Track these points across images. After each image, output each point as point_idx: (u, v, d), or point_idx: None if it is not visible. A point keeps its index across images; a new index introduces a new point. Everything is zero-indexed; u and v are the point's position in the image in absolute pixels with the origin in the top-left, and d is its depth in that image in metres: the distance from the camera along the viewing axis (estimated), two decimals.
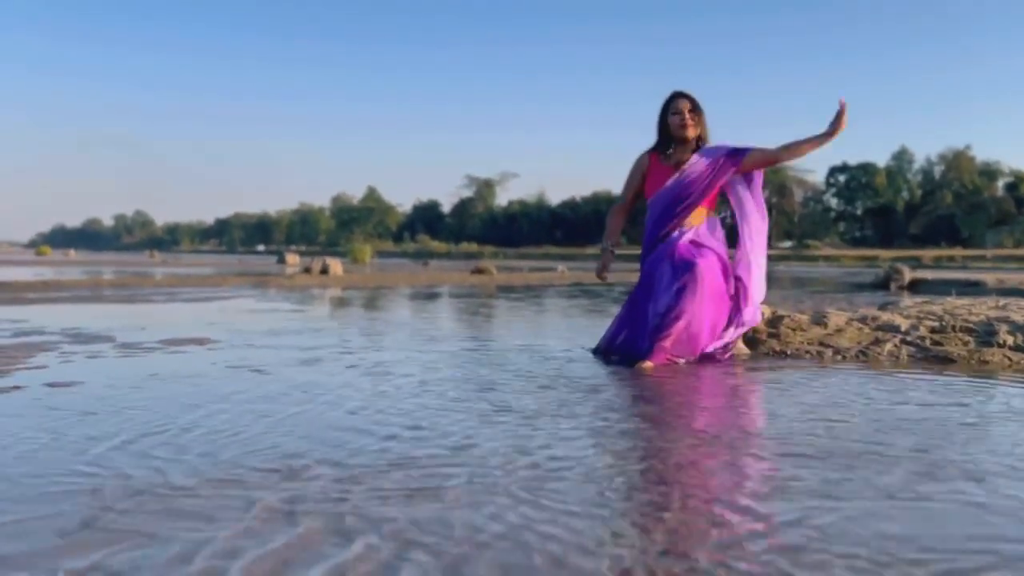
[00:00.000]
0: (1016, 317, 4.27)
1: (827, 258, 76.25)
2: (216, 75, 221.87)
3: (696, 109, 3.98)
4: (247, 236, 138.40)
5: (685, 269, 3.65)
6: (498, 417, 2.38)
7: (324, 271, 14.80)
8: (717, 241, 3.93)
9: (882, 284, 15.13)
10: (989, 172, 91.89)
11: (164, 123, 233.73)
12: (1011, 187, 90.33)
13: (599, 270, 4.26)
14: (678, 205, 3.90)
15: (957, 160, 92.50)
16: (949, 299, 5.74)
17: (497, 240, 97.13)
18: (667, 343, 3.60)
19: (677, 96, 4.01)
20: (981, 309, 4.81)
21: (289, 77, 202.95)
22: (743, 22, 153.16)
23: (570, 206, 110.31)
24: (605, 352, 3.88)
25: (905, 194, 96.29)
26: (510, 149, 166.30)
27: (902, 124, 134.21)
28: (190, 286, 10.54)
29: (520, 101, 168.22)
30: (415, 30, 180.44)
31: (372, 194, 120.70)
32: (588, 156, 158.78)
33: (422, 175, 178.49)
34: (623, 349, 3.77)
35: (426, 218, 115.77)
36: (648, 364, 3.56)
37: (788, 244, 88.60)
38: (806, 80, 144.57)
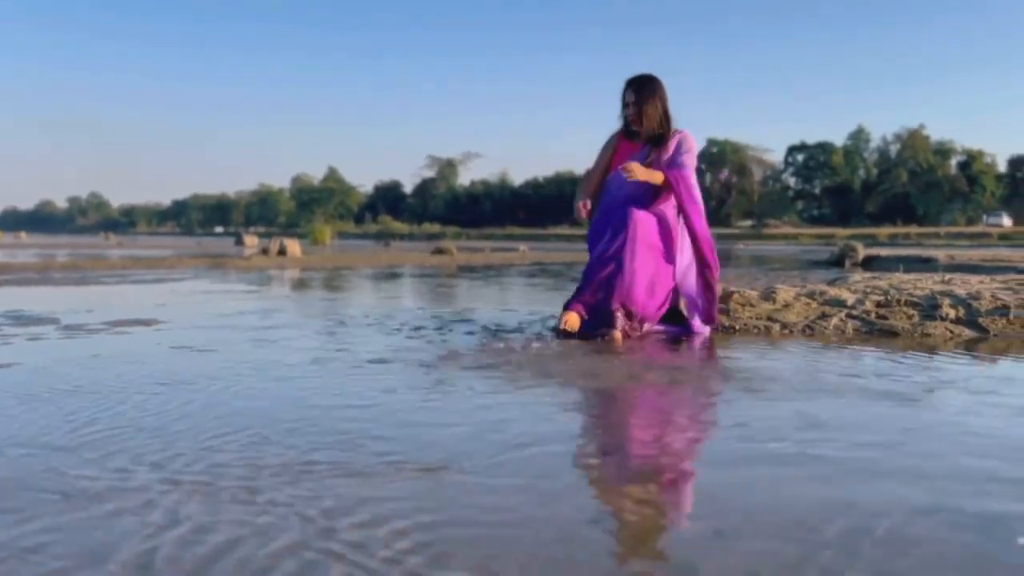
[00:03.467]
0: (959, 291, 4.36)
1: (785, 236, 77.11)
2: (173, 57, 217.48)
3: (645, 99, 3.92)
4: (205, 218, 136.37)
5: (621, 216, 3.67)
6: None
7: (282, 252, 14.64)
8: (670, 209, 3.92)
9: (837, 262, 15.35)
10: (943, 151, 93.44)
11: (120, 104, 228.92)
12: (964, 165, 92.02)
13: (578, 206, 4.14)
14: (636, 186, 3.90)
15: (912, 139, 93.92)
16: (897, 274, 5.84)
17: (460, 221, 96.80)
18: (589, 290, 3.63)
19: (626, 87, 3.98)
20: (927, 284, 4.90)
21: (247, 58, 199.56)
22: (703, 1, 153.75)
23: (533, 186, 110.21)
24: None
25: (862, 173, 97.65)
26: (473, 129, 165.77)
27: (859, 103, 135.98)
28: (143, 268, 10.37)
29: (483, 80, 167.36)
30: (376, 11, 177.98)
31: (333, 175, 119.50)
32: (551, 136, 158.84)
33: (383, 155, 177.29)
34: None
35: (388, 199, 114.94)
36: (569, 316, 3.58)
37: (748, 223, 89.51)
38: (768, 59, 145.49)
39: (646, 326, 3.74)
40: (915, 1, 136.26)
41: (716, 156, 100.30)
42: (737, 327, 3.95)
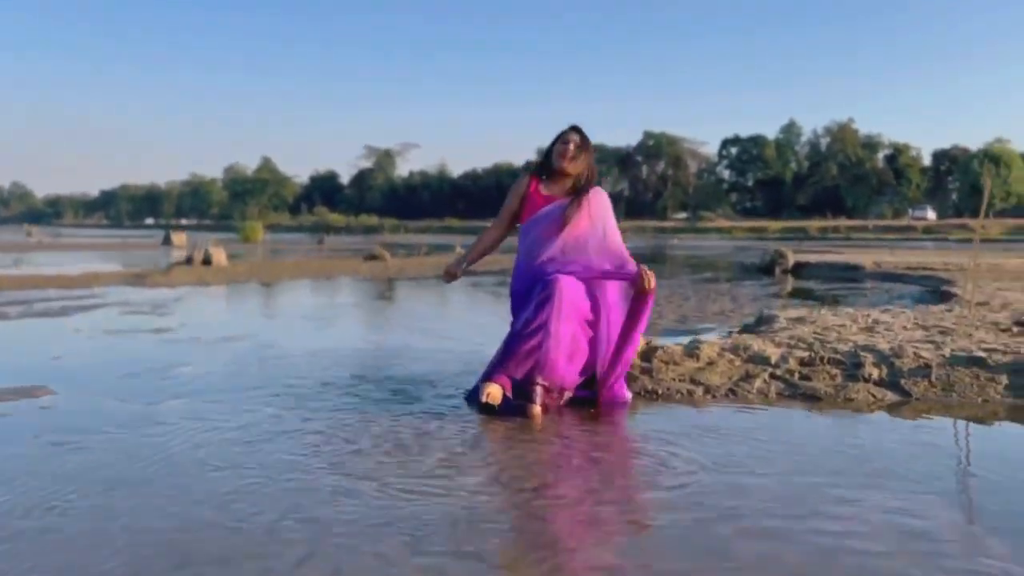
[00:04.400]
0: (883, 345, 4.32)
1: (719, 230, 78.54)
2: (102, 42, 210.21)
3: (585, 147, 3.83)
4: (135, 209, 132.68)
5: (546, 284, 3.54)
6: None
7: (207, 261, 14.17)
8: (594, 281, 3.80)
9: (767, 268, 15.53)
10: (871, 144, 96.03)
11: (44, 89, 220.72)
12: (891, 159, 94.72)
13: (448, 269, 4.06)
14: (554, 239, 3.73)
15: (841, 133, 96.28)
16: (826, 313, 5.82)
17: (397, 212, 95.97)
18: (513, 363, 3.48)
19: (571, 128, 3.87)
20: (851, 332, 4.87)
21: (178, 45, 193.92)
22: None
23: (472, 177, 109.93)
24: (474, 397, 3.70)
25: (793, 166, 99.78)
26: (411, 119, 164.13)
27: (790, 97, 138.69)
28: (54, 287, 9.88)
29: (420, 71, 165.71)
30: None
31: (267, 165, 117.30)
32: (490, 127, 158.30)
33: (319, 145, 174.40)
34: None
35: (324, 189, 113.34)
36: (492, 388, 3.43)
37: (683, 215, 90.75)
38: (698, 55, 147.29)
39: (566, 395, 3.60)
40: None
41: (652, 149, 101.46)
42: (660, 391, 3.84)
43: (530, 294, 3.66)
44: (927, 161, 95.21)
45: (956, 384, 3.79)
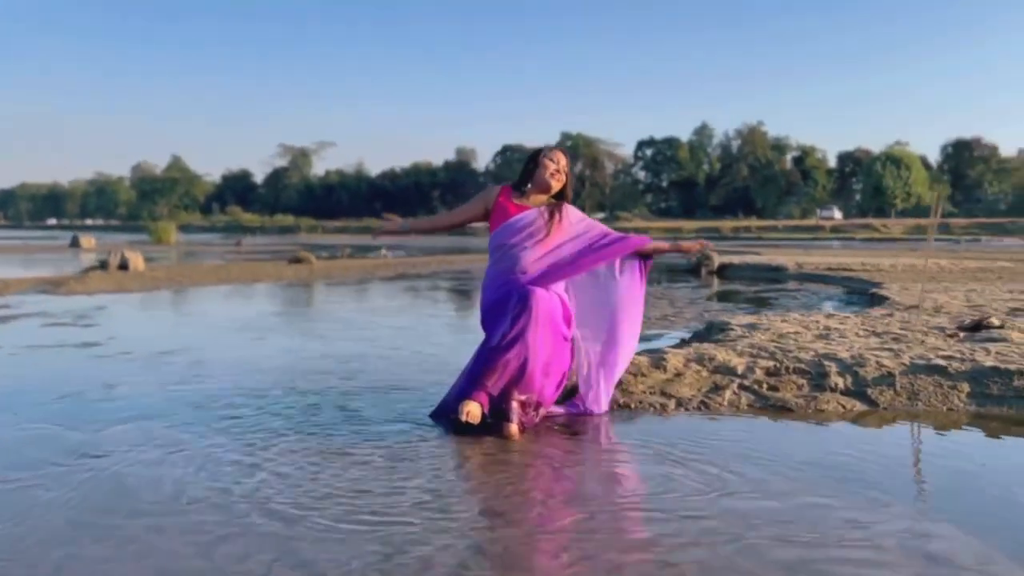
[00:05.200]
0: (843, 353, 4.36)
1: (637, 231, 79.55)
2: None
3: (569, 168, 3.81)
4: (36, 209, 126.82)
5: (522, 296, 3.44)
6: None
7: (123, 266, 13.55)
8: (562, 289, 3.72)
9: (694, 270, 15.79)
10: (780, 147, 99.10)
11: None
12: (798, 160, 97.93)
13: (380, 229, 4.00)
14: (531, 249, 3.63)
15: (751, 135, 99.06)
16: (776, 319, 5.87)
17: (314, 212, 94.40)
18: (491, 379, 3.36)
19: (559, 149, 3.86)
20: (807, 339, 4.91)
21: (79, 40, 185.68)
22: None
23: (390, 177, 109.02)
24: (444, 415, 3.56)
25: (706, 167, 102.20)
26: (327, 117, 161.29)
27: (703, 100, 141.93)
28: None
29: (336, 68, 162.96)
30: None
31: (177, 164, 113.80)
32: (408, 125, 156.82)
33: (232, 143, 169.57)
34: (459, 399, 3.47)
35: (237, 189, 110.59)
36: (471, 406, 3.31)
37: (601, 215, 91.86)
38: (613, 59, 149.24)
39: (542, 411, 3.50)
40: (753, 2, 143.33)
41: (570, 150, 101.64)
42: (632, 404, 3.77)
43: (504, 306, 3.55)
44: (832, 163, 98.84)
45: (920, 393, 3.83)
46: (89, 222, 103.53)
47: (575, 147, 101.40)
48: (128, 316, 7.98)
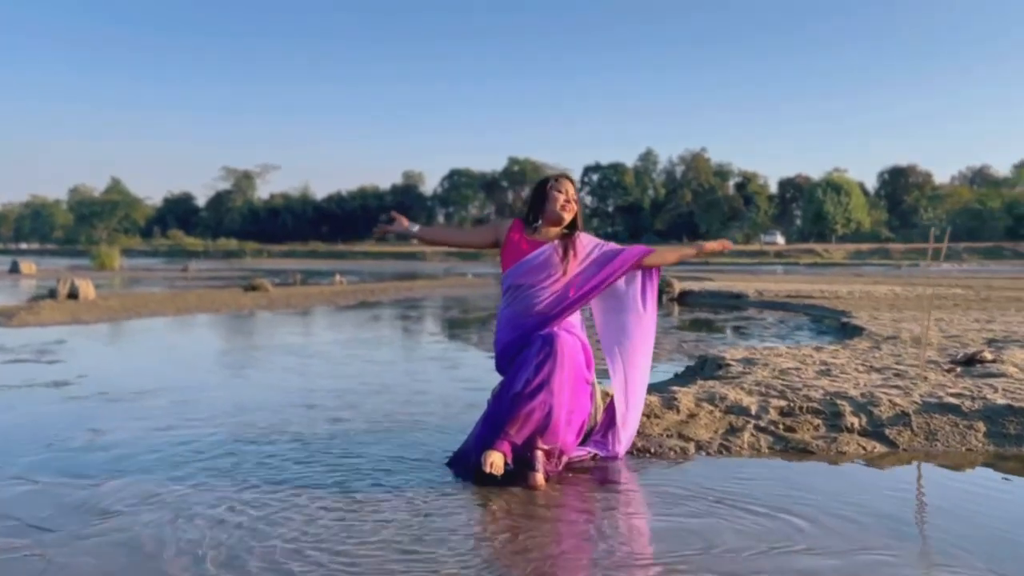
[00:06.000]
0: (851, 391, 4.34)
1: None
2: None
3: (576, 196, 3.71)
4: None
5: (546, 341, 3.33)
6: None
7: (73, 295, 13.07)
8: (583, 332, 3.62)
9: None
10: (722, 173, 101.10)
11: None
12: (740, 186, 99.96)
13: (384, 226, 3.74)
14: (548, 288, 3.53)
15: (695, 161, 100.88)
16: (769, 353, 5.85)
17: (258, 236, 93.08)
18: (514, 428, 3.24)
19: (565, 177, 3.73)
20: (809, 375, 4.89)
21: (12, 60, 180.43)
22: (489, 20, 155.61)
23: (336, 200, 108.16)
24: (463, 463, 3.42)
25: (651, 192, 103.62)
26: (272, 140, 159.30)
27: (648, 126, 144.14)
28: None
29: (281, 91, 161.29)
30: (160, 11, 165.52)
31: (116, 186, 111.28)
32: (355, 149, 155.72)
33: (174, 166, 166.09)
34: (480, 448, 3.34)
35: (179, 212, 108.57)
36: (494, 457, 3.18)
37: None
38: (560, 85, 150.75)
39: (564, 459, 3.38)
40: (692, 31, 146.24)
41: (517, 174, 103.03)
42: (652, 448, 3.68)
43: (521, 348, 3.45)
44: (773, 189, 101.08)
45: (938, 433, 3.82)
46: (24, 246, 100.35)
47: (522, 171, 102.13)
48: (92, 350, 7.64)
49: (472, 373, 6.24)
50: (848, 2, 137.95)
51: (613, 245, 3.73)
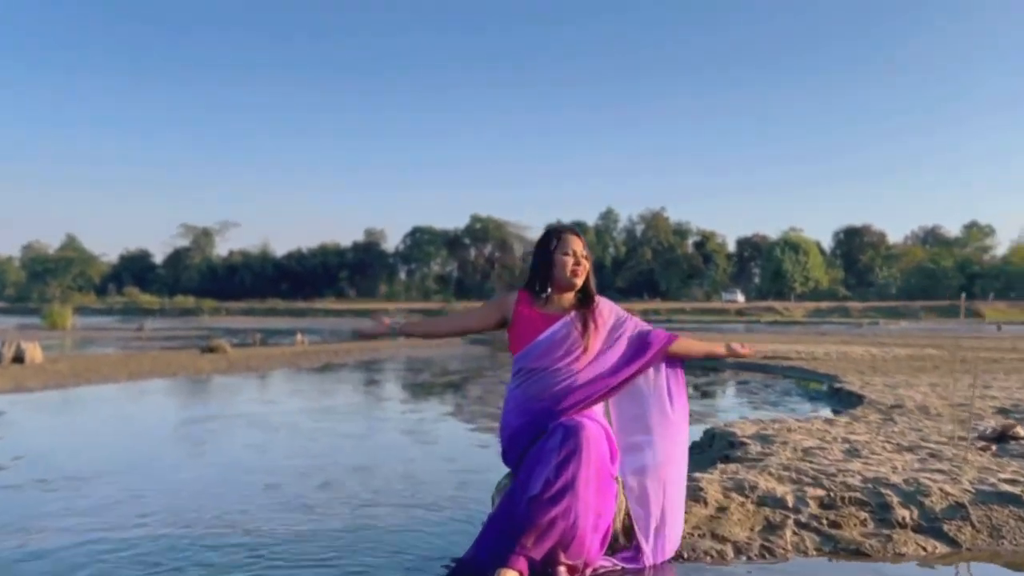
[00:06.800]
0: (892, 476, 3.90)
1: None
2: None
3: (588, 253, 3.21)
4: None
5: (569, 432, 2.83)
6: None
7: (18, 359, 12.27)
8: (603, 417, 3.14)
9: None
10: (681, 231, 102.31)
11: None
12: (699, 244, 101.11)
13: (367, 329, 3.30)
14: (568, 368, 3.04)
15: (655, 220, 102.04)
16: (782, 428, 5.40)
17: (216, 293, 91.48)
18: (532, 540, 2.72)
19: (570, 233, 3.20)
20: (836, 455, 4.44)
21: None
22: (449, 77, 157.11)
23: (296, 257, 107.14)
24: (469, 570, 2.89)
25: (612, 251, 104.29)
26: (231, 196, 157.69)
27: (608, 185, 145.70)
28: None
29: (242, 148, 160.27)
30: (115, 61, 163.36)
31: (72, 243, 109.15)
32: (316, 206, 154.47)
33: (131, 223, 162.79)
34: (490, 560, 2.81)
35: (135, 269, 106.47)
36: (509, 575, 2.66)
37: None
38: (517, 142, 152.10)
39: (588, 571, 2.87)
40: (650, 89, 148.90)
41: (480, 232, 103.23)
42: (685, 553, 3.18)
43: (535, 437, 2.95)
44: (732, 247, 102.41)
45: (1002, 528, 3.37)
46: None
47: (485, 229, 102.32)
48: (34, 425, 6.95)
49: (455, 449, 5.72)
50: (801, 71, 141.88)
51: (638, 321, 3.27)
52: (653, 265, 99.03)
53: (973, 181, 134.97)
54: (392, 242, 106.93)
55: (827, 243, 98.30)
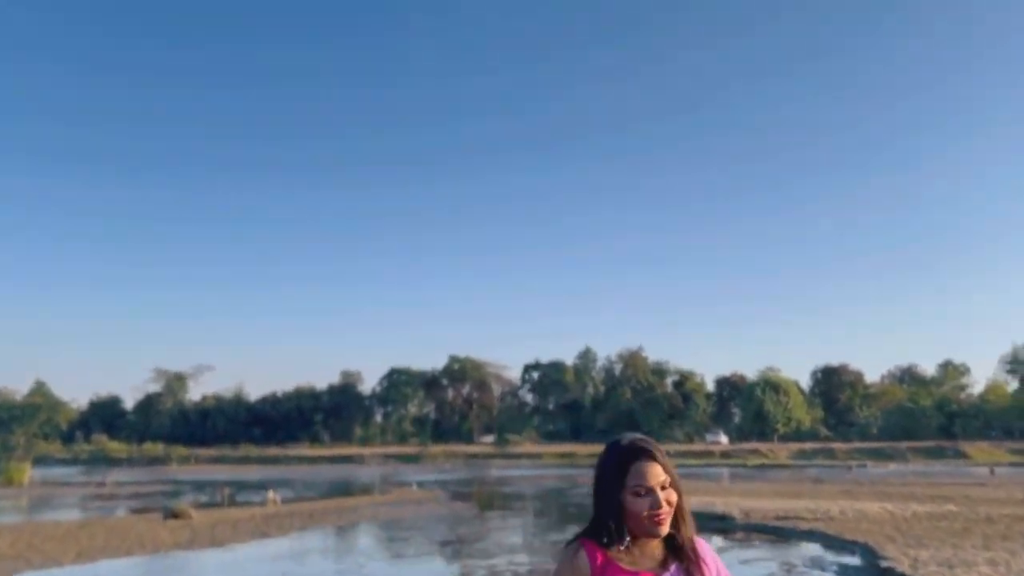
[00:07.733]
0: None
1: (530, 455, 78.37)
2: None
3: (675, 484, 2.13)
4: None
5: None
6: None
7: None
8: None
9: None
10: (660, 371, 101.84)
11: None
12: (678, 384, 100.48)
13: None
14: None
15: (632, 359, 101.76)
16: None
17: (188, 439, 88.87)
18: None
19: (644, 458, 2.17)
20: None
21: None
22: (408, 194, 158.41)
23: (271, 401, 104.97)
24: None
25: (591, 390, 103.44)
26: (205, 340, 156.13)
27: (586, 325, 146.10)
28: None
29: (216, 291, 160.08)
30: (85, 199, 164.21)
31: (40, 389, 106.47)
32: (291, 348, 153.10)
33: (103, 367, 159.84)
34: None
35: (105, 415, 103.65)
36: None
37: (490, 438, 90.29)
38: (493, 281, 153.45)
39: None
40: (628, 228, 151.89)
41: (457, 372, 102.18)
42: None
43: None
44: (711, 387, 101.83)
45: None
46: None
47: (463, 370, 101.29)
48: None
49: None
50: (771, 207, 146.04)
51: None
52: (633, 404, 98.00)
53: (947, 315, 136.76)
54: (369, 384, 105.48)
55: (805, 382, 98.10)
